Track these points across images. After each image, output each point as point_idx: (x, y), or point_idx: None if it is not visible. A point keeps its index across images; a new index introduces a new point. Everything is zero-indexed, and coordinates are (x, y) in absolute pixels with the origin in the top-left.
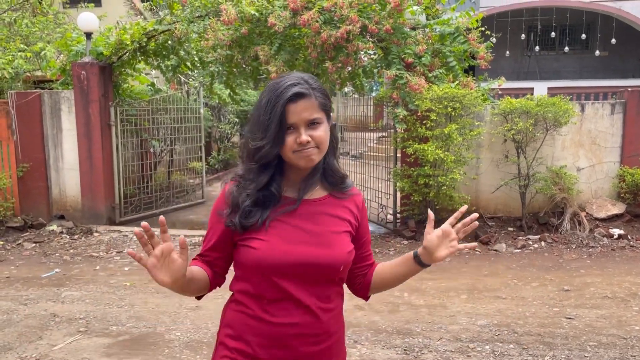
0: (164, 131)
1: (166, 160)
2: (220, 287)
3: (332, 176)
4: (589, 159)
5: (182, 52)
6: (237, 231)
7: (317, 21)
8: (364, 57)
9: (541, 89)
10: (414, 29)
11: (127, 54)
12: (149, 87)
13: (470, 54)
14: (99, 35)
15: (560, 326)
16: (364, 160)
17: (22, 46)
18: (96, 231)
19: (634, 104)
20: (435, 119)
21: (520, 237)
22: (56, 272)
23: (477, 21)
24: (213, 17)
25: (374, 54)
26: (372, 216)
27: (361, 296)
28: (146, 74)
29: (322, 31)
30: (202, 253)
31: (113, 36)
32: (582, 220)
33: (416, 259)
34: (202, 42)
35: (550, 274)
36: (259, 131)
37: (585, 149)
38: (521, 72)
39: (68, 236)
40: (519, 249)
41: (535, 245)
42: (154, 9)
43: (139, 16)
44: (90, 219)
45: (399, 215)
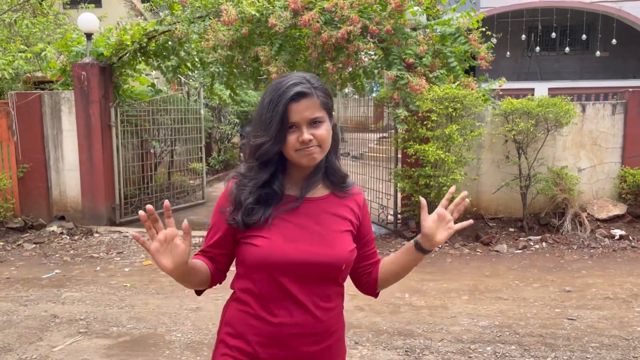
0: (164, 132)
1: (166, 161)
2: (221, 284)
3: (333, 175)
4: (590, 159)
5: (182, 53)
6: (239, 229)
7: (317, 22)
8: (365, 57)
9: (542, 89)
10: (414, 29)
11: (127, 54)
12: (150, 87)
13: (471, 54)
14: (99, 36)
15: (562, 327)
16: (364, 161)
17: (22, 47)
18: (96, 232)
19: (635, 104)
20: (436, 119)
21: (522, 238)
22: (56, 273)
23: (477, 22)
24: (213, 18)
25: (375, 54)
26: (373, 217)
27: (370, 294)
28: (146, 74)
29: (322, 32)
30: (204, 249)
31: (113, 37)
32: (583, 221)
33: (417, 247)
34: (202, 43)
35: (551, 274)
36: (260, 129)
37: (587, 149)
38: (522, 73)
39: (68, 237)
40: (520, 249)
41: (537, 246)
42: (154, 10)
43: (139, 17)
44: (91, 219)
45: (399, 216)
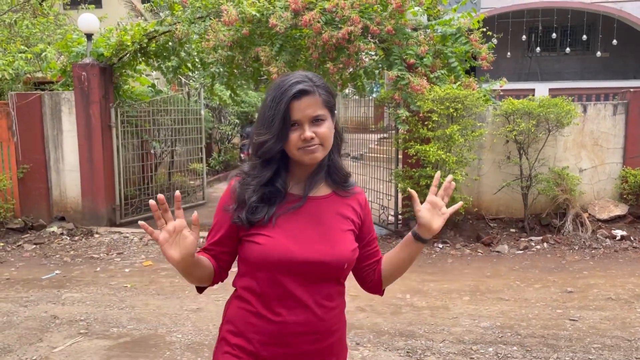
0: (165, 132)
1: (167, 161)
2: (223, 282)
3: (336, 174)
4: (591, 160)
5: (182, 53)
6: (243, 227)
7: (318, 22)
8: (366, 58)
9: (542, 90)
10: (415, 29)
11: (127, 55)
12: (150, 88)
13: (471, 54)
14: (99, 36)
15: (564, 328)
16: (364, 161)
17: (22, 47)
18: (97, 232)
19: (636, 105)
20: (437, 119)
21: (523, 239)
22: (56, 273)
23: (478, 22)
24: (214, 18)
25: (376, 54)
26: (374, 217)
27: (376, 292)
28: (147, 75)
29: (323, 32)
30: (206, 247)
31: (114, 37)
32: (584, 221)
33: (415, 237)
34: (202, 43)
35: (553, 275)
36: (263, 127)
37: (588, 150)
38: (522, 73)
39: (68, 238)
40: (521, 250)
41: (538, 247)
42: (154, 10)
43: (139, 17)
44: (91, 220)
45: (400, 217)
